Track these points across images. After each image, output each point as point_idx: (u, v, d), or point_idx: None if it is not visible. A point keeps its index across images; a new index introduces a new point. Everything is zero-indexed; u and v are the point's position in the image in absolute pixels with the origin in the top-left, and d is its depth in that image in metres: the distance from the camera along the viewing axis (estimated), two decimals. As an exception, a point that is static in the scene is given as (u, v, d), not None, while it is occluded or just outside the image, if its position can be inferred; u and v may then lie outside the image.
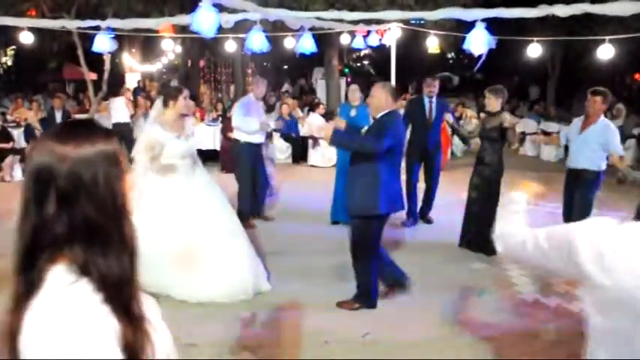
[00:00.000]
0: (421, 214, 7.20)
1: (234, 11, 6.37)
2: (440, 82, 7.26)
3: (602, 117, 5.52)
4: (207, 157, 9.35)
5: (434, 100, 6.99)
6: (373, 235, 4.35)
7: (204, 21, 4.75)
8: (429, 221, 7.16)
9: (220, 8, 5.03)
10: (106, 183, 1.10)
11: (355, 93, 6.91)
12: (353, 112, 6.66)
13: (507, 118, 5.85)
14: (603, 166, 5.53)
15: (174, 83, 10.55)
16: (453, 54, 28.27)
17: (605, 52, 6.87)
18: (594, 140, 5.45)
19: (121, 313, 1.06)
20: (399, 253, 5.82)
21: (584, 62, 14.68)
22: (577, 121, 5.77)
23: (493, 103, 5.90)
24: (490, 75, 21.30)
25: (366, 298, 4.45)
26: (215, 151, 10.99)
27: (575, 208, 5.57)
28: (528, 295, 4.83)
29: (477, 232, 5.85)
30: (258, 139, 6.85)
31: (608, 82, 19.55)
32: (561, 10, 5.62)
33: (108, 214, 1.10)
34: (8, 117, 11.57)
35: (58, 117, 11.70)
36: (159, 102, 4.93)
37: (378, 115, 4.37)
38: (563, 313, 4.48)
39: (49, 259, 1.07)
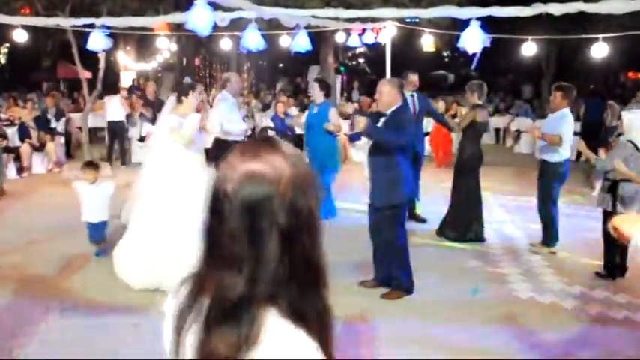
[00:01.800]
0: (411, 214, 6.83)
1: (229, 9, 6.36)
2: (419, 76, 6.95)
3: (565, 110, 5.63)
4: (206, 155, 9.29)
5: (415, 95, 6.80)
6: (400, 222, 4.61)
7: (200, 19, 4.77)
8: (422, 220, 6.93)
9: (215, 6, 5.05)
10: (317, 211, 0.98)
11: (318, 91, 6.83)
12: (315, 110, 6.74)
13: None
14: (559, 158, 5.59)
15: (187, 80, 10.57)
16: (448, 52, 28.32)
17: (599, 50, 6.91)
18: (548, 131, 5.63)
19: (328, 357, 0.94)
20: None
21: (579, 60, 14.73)
22: (549, 116, 6.01)
23: (469, 97, 6.22)
24: (485, 73, 21.34)
25: (409, 282, 4.66)
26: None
27: (538, 198, 5.87)
28: (523, 293, 4.85)
29: (449, 219, 6.24)
30: (241, 136, 6.76)
31: (602, 80, 19.65)
32: (555, 9, 5.65)
33: (319, 247, 0.98)
34: (2, 115, 11.51)
35: (52, 115, 11.69)
36: (172, 98, 5.09)
37: (389, 111, 4.47)
38: (557, 310, 4.51)
39: (265, 303, 0.92)
